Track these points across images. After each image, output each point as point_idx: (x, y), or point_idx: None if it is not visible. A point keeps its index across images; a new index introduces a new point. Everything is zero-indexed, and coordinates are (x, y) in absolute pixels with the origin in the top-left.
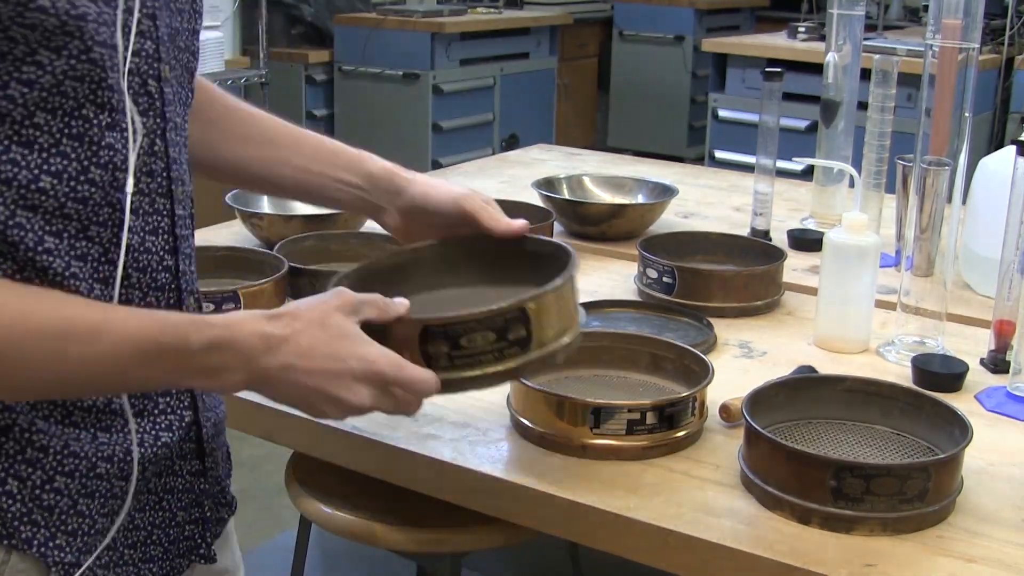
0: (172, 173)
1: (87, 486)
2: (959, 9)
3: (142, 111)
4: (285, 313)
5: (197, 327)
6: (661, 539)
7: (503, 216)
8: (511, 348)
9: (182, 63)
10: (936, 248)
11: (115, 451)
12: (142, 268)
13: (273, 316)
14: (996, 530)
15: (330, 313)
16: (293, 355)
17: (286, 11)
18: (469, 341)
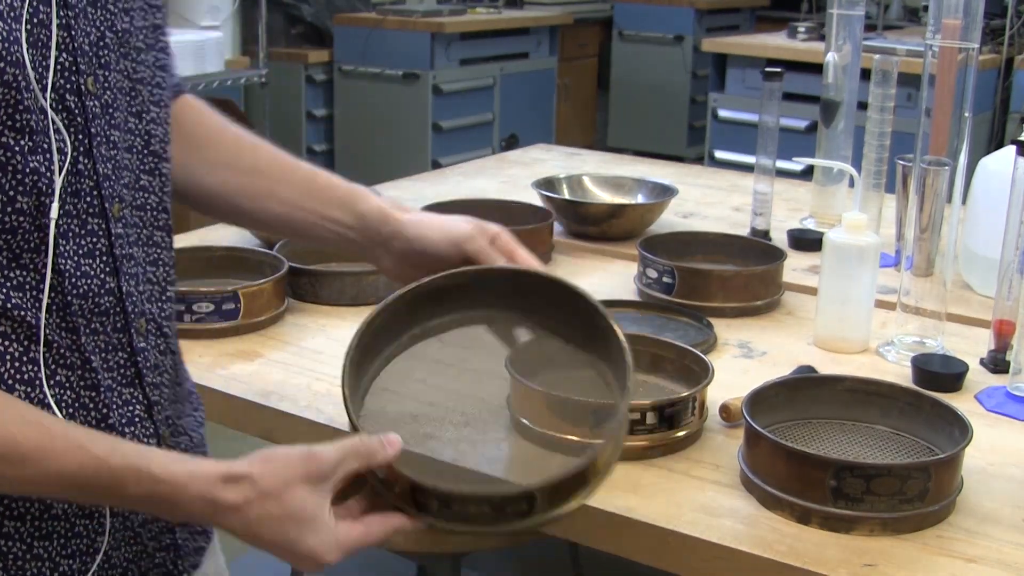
0: (103, 191)
1: (41, 528)
2: (959, 9)
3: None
4: (244, 476)
5: (138, 478)
6: (661, 539)
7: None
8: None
9: (139, 64)
10: (936, 248)
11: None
12: (82, 294)
13: (230, 479)
14: (996, 530)
15: (293, 485)
16: (240, 526)
17: (286, 11)
18: (462, 507)
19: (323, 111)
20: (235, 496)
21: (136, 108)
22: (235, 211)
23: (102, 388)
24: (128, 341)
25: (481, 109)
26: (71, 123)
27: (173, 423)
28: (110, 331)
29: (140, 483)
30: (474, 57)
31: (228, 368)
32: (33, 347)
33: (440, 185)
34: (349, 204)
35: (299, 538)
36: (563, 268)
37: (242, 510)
